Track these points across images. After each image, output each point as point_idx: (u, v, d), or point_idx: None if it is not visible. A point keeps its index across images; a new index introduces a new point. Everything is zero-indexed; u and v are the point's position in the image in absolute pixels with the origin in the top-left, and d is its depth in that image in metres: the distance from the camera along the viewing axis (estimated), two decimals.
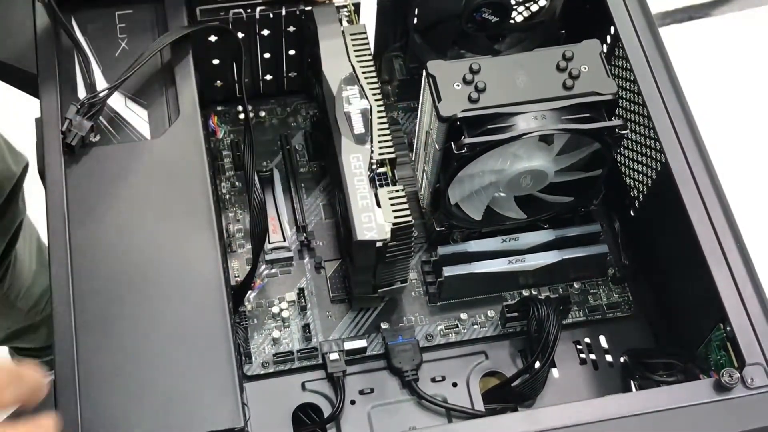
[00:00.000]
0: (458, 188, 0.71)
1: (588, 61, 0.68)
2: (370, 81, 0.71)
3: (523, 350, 0.76)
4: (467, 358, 0.76)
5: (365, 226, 0.65)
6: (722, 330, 0.64)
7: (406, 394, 0.73)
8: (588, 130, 0.67)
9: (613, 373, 0.76)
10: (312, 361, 0.74)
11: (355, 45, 0.72)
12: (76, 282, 0.61)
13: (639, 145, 0.74)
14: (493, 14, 0.79)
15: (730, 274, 0.64)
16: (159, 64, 0.70)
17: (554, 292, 0.79)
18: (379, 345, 0.75)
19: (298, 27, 0.78)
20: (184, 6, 0.73)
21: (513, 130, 0.66)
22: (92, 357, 0.58)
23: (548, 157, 0.69)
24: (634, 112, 0.74)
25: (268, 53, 0.81)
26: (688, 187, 0.67)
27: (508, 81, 0.67)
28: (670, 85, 0.71)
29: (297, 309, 0.76)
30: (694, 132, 0.70)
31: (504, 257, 0.76)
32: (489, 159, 0.68)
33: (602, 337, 0.78)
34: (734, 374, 0.60)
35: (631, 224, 0.79)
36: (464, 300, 0.78)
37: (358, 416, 0.72)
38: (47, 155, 0.65)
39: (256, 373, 0.73)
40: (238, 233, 0.79)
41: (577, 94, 0.67)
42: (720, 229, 0.66)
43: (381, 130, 0.69)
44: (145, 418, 0.57)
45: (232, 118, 0.85)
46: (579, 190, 0.74)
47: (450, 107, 0.66)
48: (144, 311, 0.60)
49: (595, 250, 0.77)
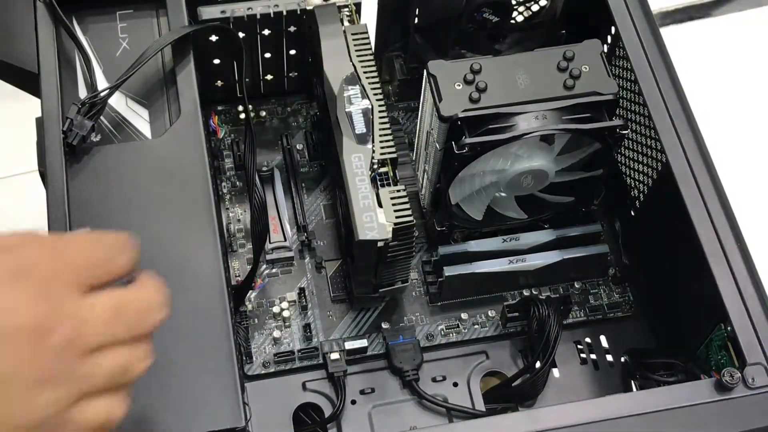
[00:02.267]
0: (459, 188, 0.71)
1: (589, 61, 0.68)
2: (372, 81, 0.71)
3: (524, 350, 0.76)
4: (468, 357, 0.76)
5: (366, 226, 0.65)
6: (723, 330, 0.64)
7: (406, 393, 0.73)
8: (589, 130, 0.67)
9: (614, 373, 0.76)
10: (313, 360, 0.74)
11: (356, 45, 0.72)
12: None
13: (640, 145, 0.74)
14: (493, 14, 0.79)
15: (731, 274, 0.64)
16: (160, 64, 0.70)
17: (555, 292, 0.79)
18: (379, 345, 0.75)
19: (299, 26, 0.78)
20: (184, 6, 0.73)
21: (514, 130, 0.66)
22: None
23: (549, 157, 0.69)
24: (635, 112, 0.74)
25: (268, 53, 0.81)
26: (689, 186, 0.67)
27: (509, 81, 0.67)
28: (671, 85, 0.71)
29: (298, 309, 0.76)
30: (694, 132, 0.70)
31: (505, 257, 0.76)
32: (490, 159, 0.68)
33: (603, 337, 0.78)
34: (735, 374, 0.60)
35: (631, 224, 0.79)
36: (465, 300, 0.78)
37: (359, 416, 0.72)
38: (48, 155, 0.65)
39: (257, 372, 0.73)
40: (238, 233, 0.79)
41: (578, 94, 0.67)
42: (721, 228, 0.66)
43: (382, 129, 0.69)
44: (146, 417, 0.56)
45: (232, 117, 0.85)
46: (580, 190, 0.74)
47: (451, 107, 0.66)
48: None
49: (595, 250, 0.77)
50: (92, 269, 0.41)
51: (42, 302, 0.37)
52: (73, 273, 0.40)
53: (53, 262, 0.39)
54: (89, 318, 0.39)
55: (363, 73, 0.71)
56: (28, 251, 0.39)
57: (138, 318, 0.43)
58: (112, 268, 0.43)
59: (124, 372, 0.42)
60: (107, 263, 0.43)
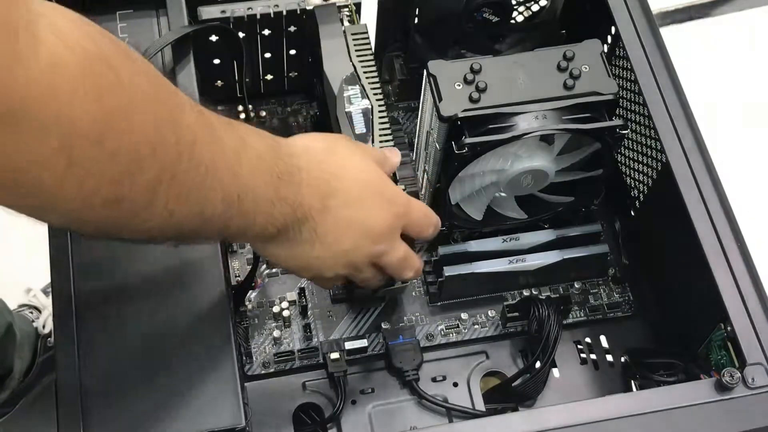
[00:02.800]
0: (459, 188, 0.71)
1: (589, 61, 0.68)
2: (372, 81, 0.71)
3: (524, 350, 0.76)
4: (468, 357, 0.76)
5: None
6: (723, 330, 0.64)
7: (406, 393, 0.73)
8: (589, 130, 0.67)
9: (614, 373, 0.76)
10: (313, 360, 0.74)
11: (356, 45, 0.73)
12: (77, 282, 0.61)
13: (640, 145, 0.74)
14: (493, 14, 0.79)
15: (731, 274, 0.64)
16: (160, 64, 0.70)
17: (555, 292, 0.79)
18: (379, 345, 0.75)
19: (299, 27, 0.78)
20: (184, 6, 0.73)
21: (514, 130, 0.66)
22: (94, 356, 0.58)
23: (549, 157, 0.69)
24: (635, 112, 0.74)
25: (268, 53, 0.81)
26: (688, 186, 0.67)
27: (509, 81, 0.67)
28: (671, 84, 0.71)
29: (298, 309, 0.76)
30: (694, 132, 0.70)
31: (505, 257, 0.76)
32: (490, 159, 0.68)
33: (603, 337, 0.78)
34: (735, 374, 0.60)
35: (631, 224, 0.79)
36: (465, 300, 0.78)
37: (359, 416, 0.72)
38: None
39: (257, 372, 0.73)
40: None
41: (578, 94, 0.67)
42: (721, 228, 0.66)
43: (382, 129, 0.69)
44: (147, 416, 0.57)
45: (233, 117, 0.85)
46: (580, 190, 0.74)
47: (451, 107, 0.66)
48: (146, 311, 0.60)
49: (595, 250, 0.77)
50: (416, 226, 0.64)
51: (394, 217, 0.61)
52: (407, 221, 0.62)
53: (405, 208, 0.62)
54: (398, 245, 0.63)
55: (363, 73, 0.71)
56: (404, 201, 0.63)
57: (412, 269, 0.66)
58: (425, 236, 0.65)
59: (408, 258, 0.64)
60: (425, 231, 0.65)
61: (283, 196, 0.54)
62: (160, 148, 0.45)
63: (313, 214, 0.57)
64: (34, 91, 0.37)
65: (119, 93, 0.42)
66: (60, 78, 0.38)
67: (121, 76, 0.42)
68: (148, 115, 0.44)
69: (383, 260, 0.62)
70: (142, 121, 0.43)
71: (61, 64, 0.38)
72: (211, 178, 0.48)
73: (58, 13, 0.40)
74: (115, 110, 0.41)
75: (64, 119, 0.39)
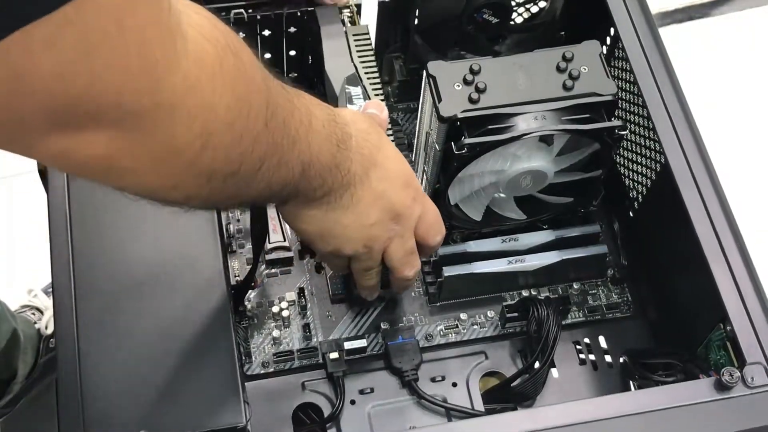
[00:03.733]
0: (458, 188, 0.71)
1: (588, 61, 0.68)
2: (373, 81, 0.71)
3: (523, 350, 0.76)
4: (467, 358, 0.76)
5: None
6: (722, 330, 0.64)
7: (405, 393, 0.73)
8: (588, 130, 0.67)
9: (613, 373, 0.76)
10: (312, 360, 0.74)
11: (357, 45, 0.73)
12: (77, 281, 0.61)
13: (639, 145, 0.74)
14: (493, 15, 0.79)
15: (731, 274, 0.64)
16: None
17: (554, 293, 0.79)
18: (378, 345, 0.75)
19: (299, 27, 0.78)
20: None
21: (513, 131, 0.66)
22: (94, 355, 0.58)
23: (548, 157, 0.70)
24: (634, 113, 0.74)
25: (269, 53, 0.81)
26: (688, 187, 0.67)
27: (509, 82, 0.67)
28: (670, 85, 0.72)
29: (297, 309, 0.76)
30: (694, 132, 0.70)
31: (504, 257, 0.76)
32: (489, 159, 0.68)
33: (602, 338, 0.78)
34: (735, 373, 0.60)
35: (630, 225, 0.80)
36: (464, 300, 0.78)
37: (358, 416, 0.72)
38: None
39: (256, 372, 0.73)
40: (238, 233, 0.79)
41: (577, 95, 0.67)
42: (720, 228, 0.66)
43: None
44: (148, 415, 0.57)
45: None
46: (579, 191, 0.74)
47: (450, 107, 0.66)
48: (146, 310, 0.60)
49: (594, 251, 0.77)
50: (427, 226, 0.64)
51: (414, 202, 0.63)
52: (423, 214, 0.64)
53: (424, 200, 0.65)
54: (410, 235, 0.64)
55: (364, 73, 0.71)
56: (424, 194, 0.65)
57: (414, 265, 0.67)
58: (431, 242, 0.66)
59: (414, 254, 0.66)
60: (432, 237, 0.65)
61: (339, 162, 0.57)
62: (271, 124, 0.48)
63: (356, 182, 0.59)
64: (186, 84, 0.40)
65: (245, 79, 0.46)
66: (203, 70, 0.42)
67: (243, 62, 0.46)
68: (262, 95, 0.47)
69: (393, 245, 0.63)
70: (258, 102, 0.47)
71: (204, 57, 0.42)
72: (297, 149, 0.52)
73: (190, 9, 0.43)
74: (243, 95, 0.45)
75: (207, 107, 0.42)
